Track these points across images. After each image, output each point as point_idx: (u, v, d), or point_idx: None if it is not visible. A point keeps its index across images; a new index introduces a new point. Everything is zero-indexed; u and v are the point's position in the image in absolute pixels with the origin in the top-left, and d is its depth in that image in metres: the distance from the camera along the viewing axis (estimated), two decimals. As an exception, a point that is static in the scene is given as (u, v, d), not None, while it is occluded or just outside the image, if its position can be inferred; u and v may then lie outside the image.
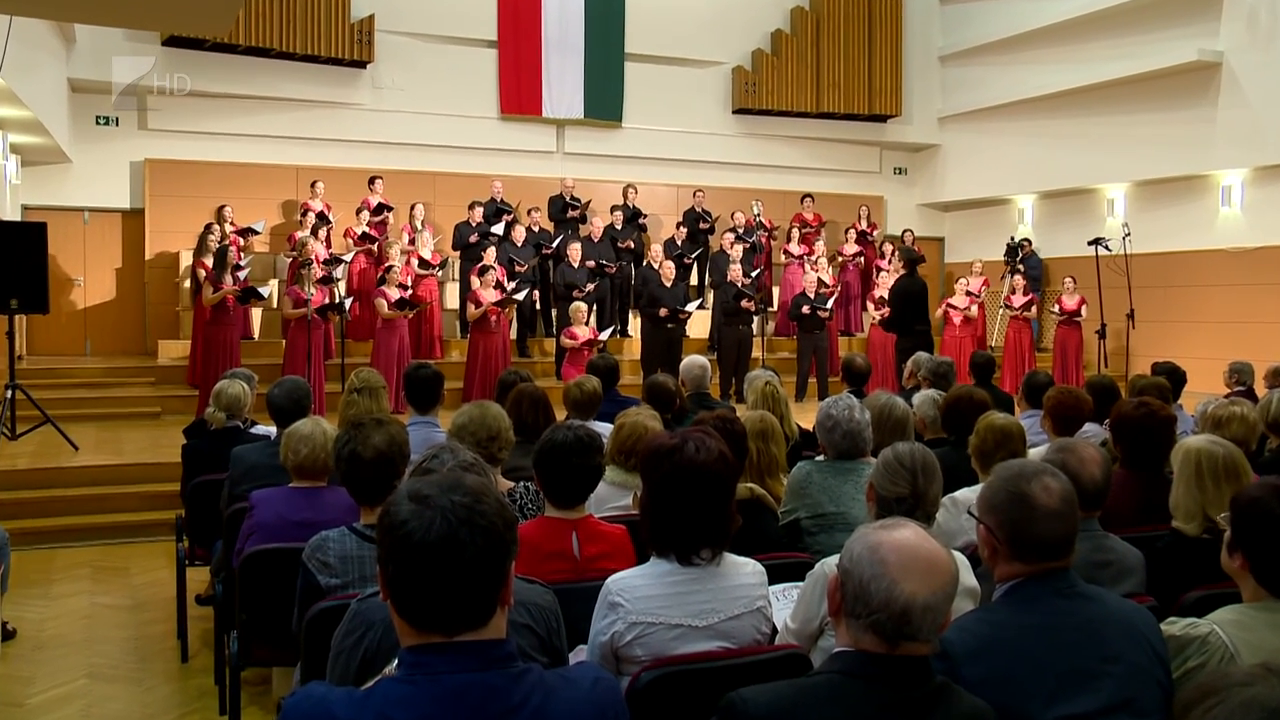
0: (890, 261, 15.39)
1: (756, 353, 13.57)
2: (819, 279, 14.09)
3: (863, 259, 16.49)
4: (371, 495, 3.36)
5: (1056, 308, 14.49)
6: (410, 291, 12.50)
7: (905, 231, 16.95)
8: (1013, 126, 17.36)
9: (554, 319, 14.33)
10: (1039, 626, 2.34)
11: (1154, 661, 2.38)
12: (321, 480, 4.21)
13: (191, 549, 5.72)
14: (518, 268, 13.59)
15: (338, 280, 12.08)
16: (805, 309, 13.52)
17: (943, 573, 1.99)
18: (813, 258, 15.25)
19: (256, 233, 13.79)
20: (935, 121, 18.72)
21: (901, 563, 1.97)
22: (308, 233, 13.42)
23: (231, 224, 13.59)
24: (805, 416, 8.91)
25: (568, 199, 15.17)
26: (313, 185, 14.45)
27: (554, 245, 14.39)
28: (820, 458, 4.29)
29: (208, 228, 12.74)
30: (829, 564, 3.02)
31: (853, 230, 16.65)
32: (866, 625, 1.98)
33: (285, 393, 5.11)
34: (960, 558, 3.16)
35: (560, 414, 5.68)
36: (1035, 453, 3.99)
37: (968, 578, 3.09)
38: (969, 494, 4.07)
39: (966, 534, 3.93)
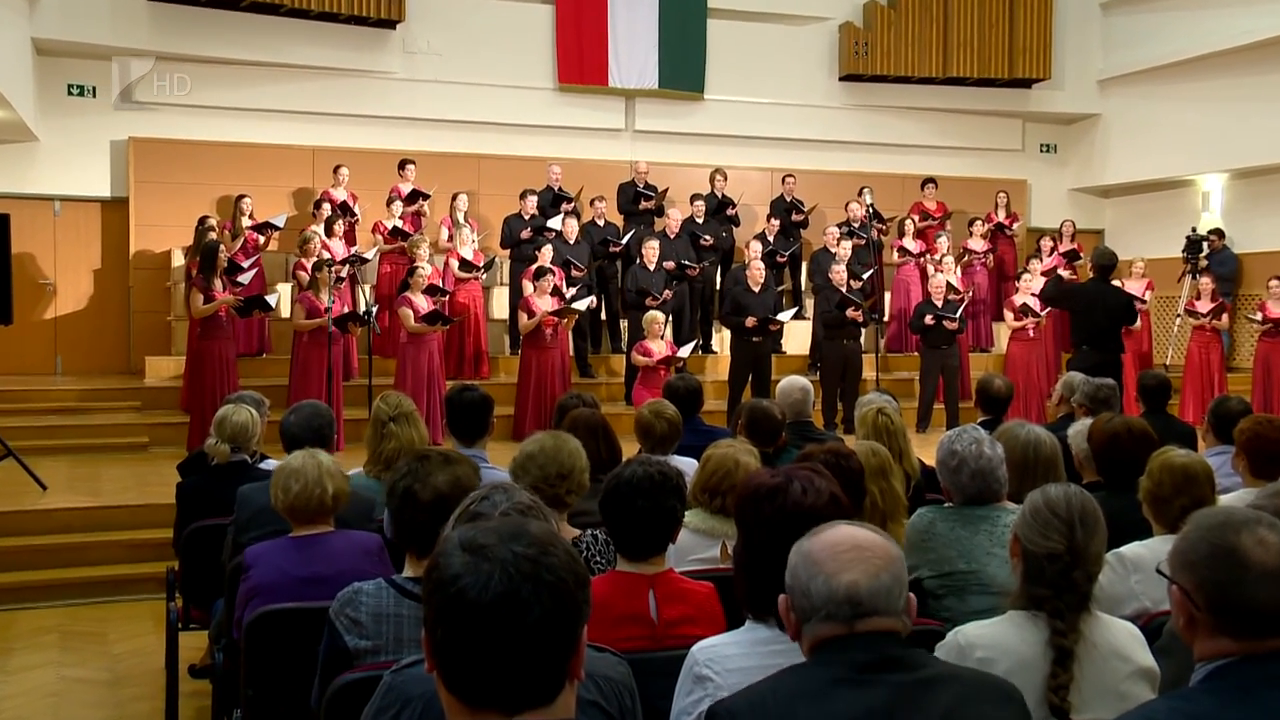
0: (1031, 261, 15.25)
1: (867, 373, 13.52)
2: (947, 282, 14.01)
3: (992, 258, 16.38)
4: (421, 542, 3.41)
5: (1259, 315, 14.10)
6: (444, 299, 12.66)
7: (1065, 223, 16.75)
8: (1195, 89, 17.06)
9: (623, 332, 14.42)
10: (1256, 728, 2.23)
11: None
12: (324, 523, 4.30)
13: (186, 609, 5.81)
14: (578, 270, 13.72)
15: (362, 284, 12.23)
16: (929, 319, 13.44)
17: (881, 556, 2.32)
18: (936, 257, 15.17)
19: (277, 228, 14.03)
20: (1094, 85, 18.53)
21: (834, 555, 2.32)
22: (319, 227, 13.67)
23: (250, 217, 13.88)
24: (930, 452, 8.86)
25: (640, 187, 15.28)
26: (336, 170, 14.73)
27: (623, 243, 14.50)
28: (947, 504, 4.27)
29: (203, 222, 12.98)
30: (965, 634, 3.01)
31: (984, 222, 16.53)
32: (822, 619, 2.31)
33: (303, 420, 5.20)
34: (1131, 629, 3.13)
35: (629, 447, 5.71)
36: (1230, 499, 3.94)
37: (1141, 655, 3.05)
38: (1141, 550, 4.02)
39: (1137, 599, 3.88)
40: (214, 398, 10.58)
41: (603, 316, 14.77)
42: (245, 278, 12.07)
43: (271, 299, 11.93)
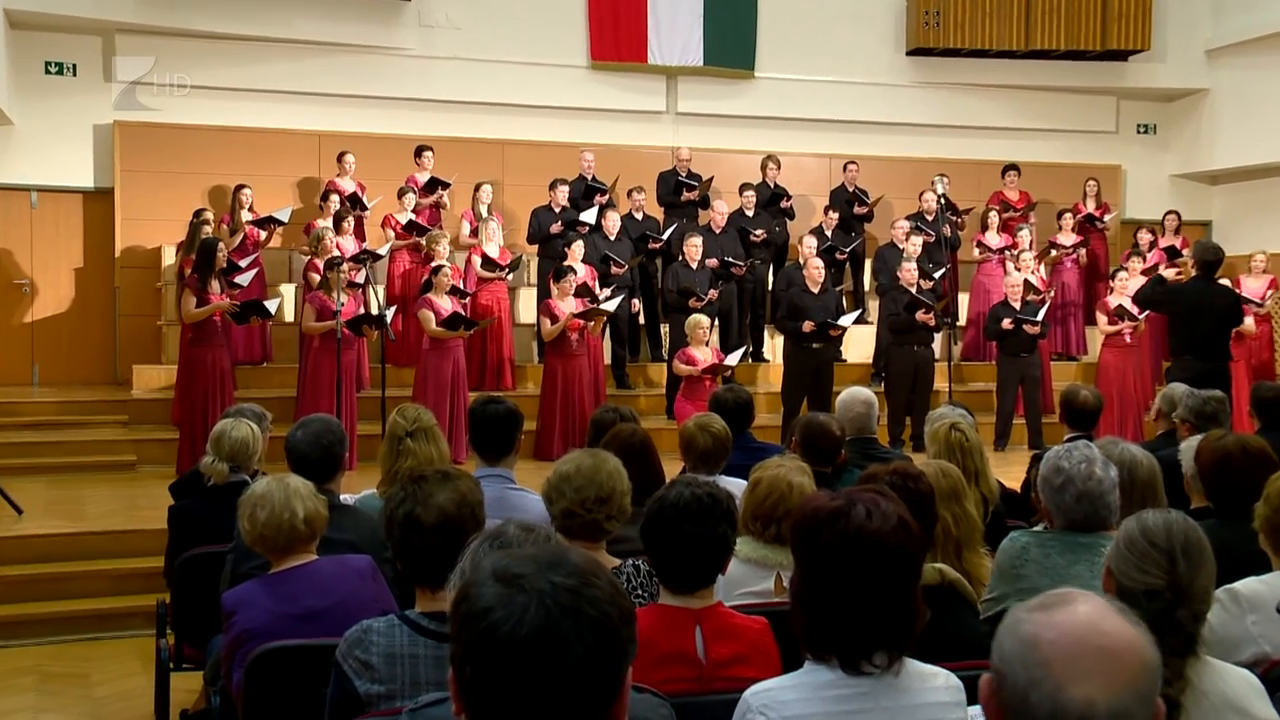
0: (1131, 258, 15.16)
1: (939, 383, 13.49)
2: (1026, 281, 13.97)
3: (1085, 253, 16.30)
4: (432, 573, 3.43)
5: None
6: (466, 301, 12.74)
7: (1167, 214, 16.62)
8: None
9: (663, 337, 14.46)
10: None
11: None
12: (304, 552, 4.34)
13: (178, 648, 5.87)
14: (614, 268, 13.76)
15: (376, 284, 12.28)
16: (1008, 323, 13.39)
17: (1131, 663, 1.92)
18: (1017, 252, 15.11)
19: (282, 223, 14.11)
20: (1201, 57, 18.39)
21: (1069, 658, 1.92)
22: (328, 221, 13.75)
23: (250, 210, 13.99)
24: (1009, 471, 8.82)
25: (682, 176, 15.32)
26: (340, 158, 14.79)
27: (663, 238, 14.54)
28: (1041, 527, 4.27)
29: (198, 215, 13.07)
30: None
31: (1072, 214, 16.46)
32: None
33: (311, 437, 5.23)
34: (1248, 678, 3.10)
35: (670, 467, 5.73)
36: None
37: (1261, 707, 3.02)
38: (1258, 587, 3.99)
39: (1255, 643, 3.85)
40: (209, 411, 10.73)
41: (641, 321, 14.82)
42: (243, 279, 12.12)
43: (272, 304, 11.95)
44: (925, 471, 4.40)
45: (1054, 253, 16.15)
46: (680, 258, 13.88)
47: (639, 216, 14.87)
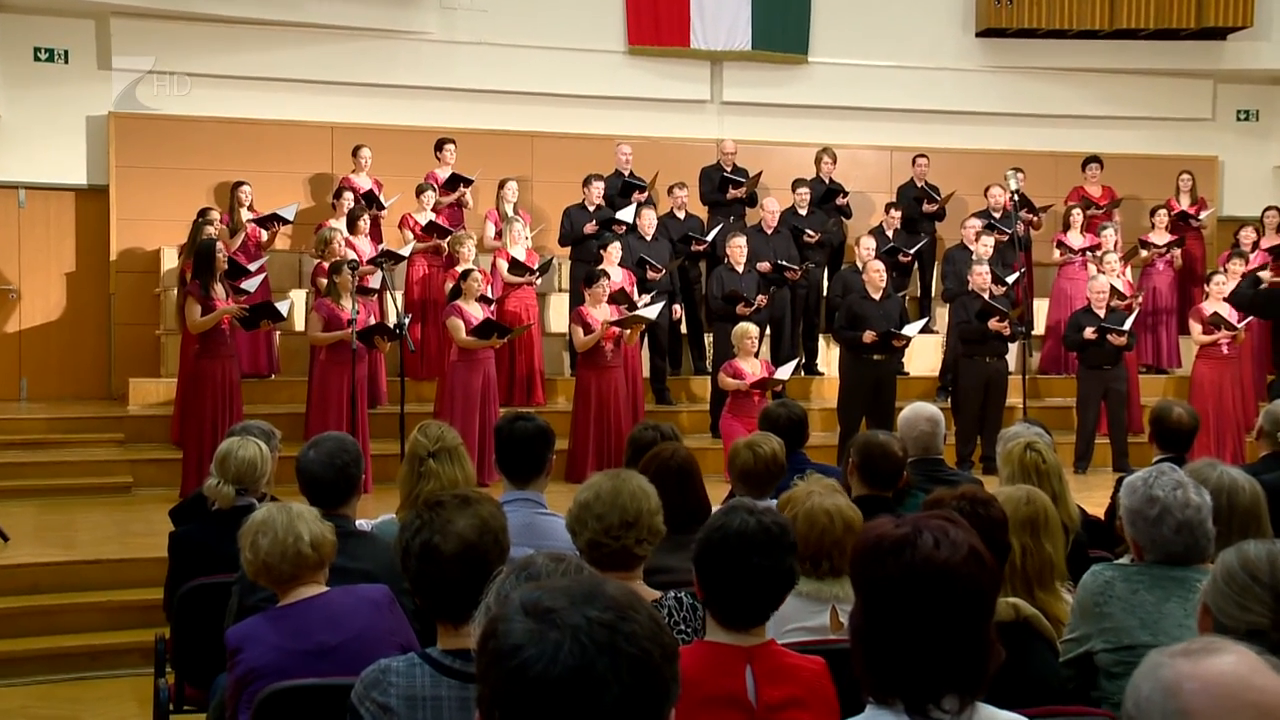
0: (1231, 259, 15.05)
1: (1013, 398, 13.45)
2: (1112, 286, 13.90)
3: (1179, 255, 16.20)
4: (453, 607, 3.44)
5: None
6: (493, 308, 12.78)
7: (1268, 211, 16.48)
8: None
9: (707, 348, 14.48)
10: None
11: None
12: (313, 581, 4.36)
13: (179, 687, 5.89)
14: (655, 271, 13.78)
15: (392, 290, 12.30)
16: (1091, 332, 13.34)
17: None
18: (1100, 253, 15.05)
19: (286, 222, 14.20)
20: (1310, 35, 18.23)
21: (1216, 711, 1.89)
22: (341, 222, 13.83)
23: (251, 209, 14.06)
24: (1090, 497, 8.77)
25: (728, 171, 15.33)
26: (355, 152, 14.88)
27: (707, 239, 14.55)
28: (1126, 559, 4.24)
29: (203, 215, 13.14)
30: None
31: (1165, 211, 16.37)
32: None
33: (324, 456, 5.24)
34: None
35: (717, 490, 5.74)
36: None
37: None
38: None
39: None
40: (214, 429, 10.76)
41: (683, 330, 14.82)
42: (251, 283, 12.21)
43: (283, 306, 11.94)
44: (998, 496, 4.38)
45: (1143, 254, 16.02)
46: (725, 260, 13.88)
47: (680, 215, 14.92)
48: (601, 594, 1.87)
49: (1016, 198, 15.01)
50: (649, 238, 14.18)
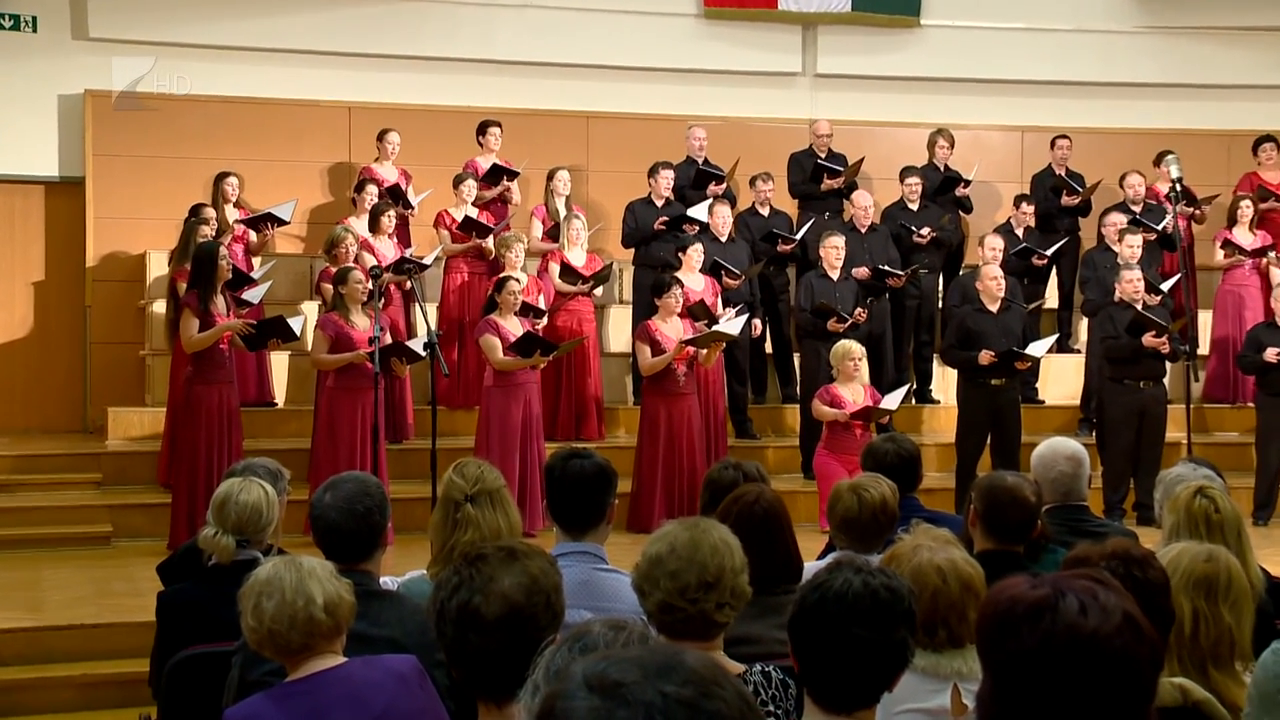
0: None
1: (1173, 432, 13.34)
2: (1296, 296, 13.79)
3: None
4: (496, 681, 3.44)
5: None
6: (544, 322, 12.81)
7: None
8: None
9: (796, 370, 14.42)
10: None
11: None
12: (328, 651, 4.34)
13: (168, 775, 5.94)
14: (732, 279, 13.76)
15: (422, 301, 12.27)
16: (1272, 353, 13.22)
17: None
18: (1278, 255, 14.94)
19: (283, 221, 14.26)
20: None
21: None
22: (361, 220, 13.85)
23: (237, 205, 14.13)
24: (1274, 555, 8.67)
25: (822, 157, 15.29)
26: (381, 138, 14.91)
27: (796, 237, 14.54)
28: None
29: (196, 213, 13.20)
30: None
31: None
32: None
33: (343, 502, 5.23)
34: None
35: (809, 542, 5.72)
36: None
37: None
38: None
39: None
40: (209, 468, 10.81)
41: (767, 348, 14.81)
42: (254, 293, 12.27)
43: (296, 323, 11.92)
44: (1179, 553, 4.32)
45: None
46: (818, 265, 13.86)
47: (764, 212, 14.91)
48: (680, 666, 1.87)
49: (1177, 186, 14.77)
50: (725, 238, 14.15)
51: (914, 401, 14.79)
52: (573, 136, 16.17)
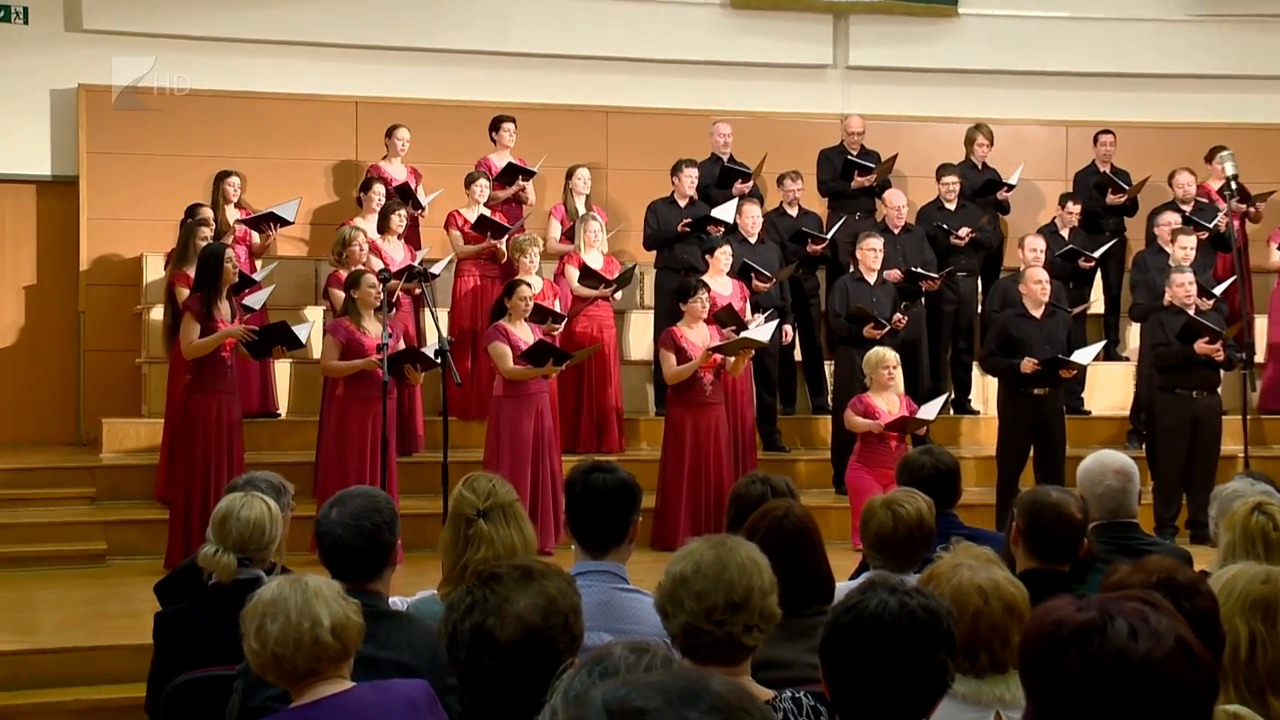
0: None
1: (1229, 445, 13.33)
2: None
3: None
4: (511, 708, 3.44)
5: None
6: (559, 329, 12.82)
7: None
8: None
9: (828, 378, 14.41)
10: None
11: None
12: (335, 676, 4.34)
13: (165, 806, 5.92)
14: (762, 281, 13.75)
15: (432, 307, 12.28)
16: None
17: None
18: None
19: (287, 222, 14.28)
20: None
21: None
22: (370, 220, 13.87)
23: (237, 205, 14.17)
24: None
25: (854, 154, 15.31)
26: (390, 134, 14.93)
27: (827, 237, 14.56)
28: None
29: (193, 213, 13.23)
30: None
31: None
32: None
33: (351, 518, 5.22)
34: None
35: (841, 560, 5.69)
36: None
37: None
38: None
39: None
40: (209, 482, 10.82)
41: (797, 356, 14.81)
42: (257, 298, 12.32)
43: (302, 330, 11.97)
44: (1233, 575, 4.28)
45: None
46: (851, 268, 13.85)
47: (793, 211, 14.92)
48: (705, 691, 1.86)
49: (1233, 184, 14.68)
50: (754, 239, 14.17)
51: (952, 412, 14.77)
52: (591, 133, 16.20)
